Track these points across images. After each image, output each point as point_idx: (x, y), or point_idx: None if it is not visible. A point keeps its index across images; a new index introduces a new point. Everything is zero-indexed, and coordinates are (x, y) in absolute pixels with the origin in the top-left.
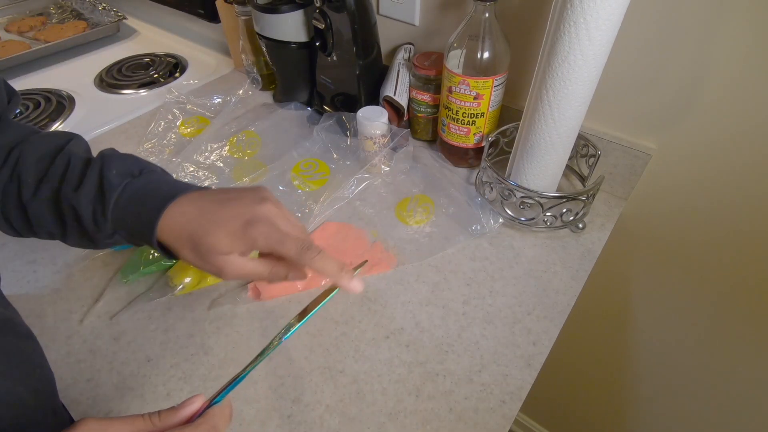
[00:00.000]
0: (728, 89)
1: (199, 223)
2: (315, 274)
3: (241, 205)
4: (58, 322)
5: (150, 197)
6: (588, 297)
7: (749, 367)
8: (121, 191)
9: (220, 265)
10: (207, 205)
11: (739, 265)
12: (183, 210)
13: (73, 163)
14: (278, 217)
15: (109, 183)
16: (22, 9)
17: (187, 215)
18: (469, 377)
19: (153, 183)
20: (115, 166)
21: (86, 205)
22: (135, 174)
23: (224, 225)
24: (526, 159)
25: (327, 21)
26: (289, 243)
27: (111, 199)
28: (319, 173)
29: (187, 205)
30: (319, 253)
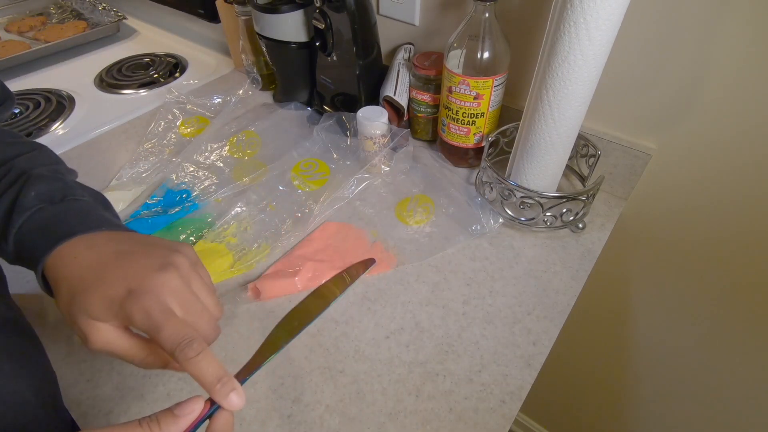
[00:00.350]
0: (728, 89)
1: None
2: (314, 276)
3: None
4: (58, 322)
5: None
6: (588, 297)
7: (749, 366)
8: (29, 216)
9: (87, 331)
10: (105, 256)
11: (739, 265)
12: (77, 253)
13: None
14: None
15: (21, 205)
16: (22, 9)
17: (79, 261)
18: (469, 377)
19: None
20: (38, 187)
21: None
22: (56, 200)
23: (105, 287)
24: (526, 159)
25: (327, 21)
26: (166, 331)
27: (16, 223)
28: (319, 173)
29: (86, 250)
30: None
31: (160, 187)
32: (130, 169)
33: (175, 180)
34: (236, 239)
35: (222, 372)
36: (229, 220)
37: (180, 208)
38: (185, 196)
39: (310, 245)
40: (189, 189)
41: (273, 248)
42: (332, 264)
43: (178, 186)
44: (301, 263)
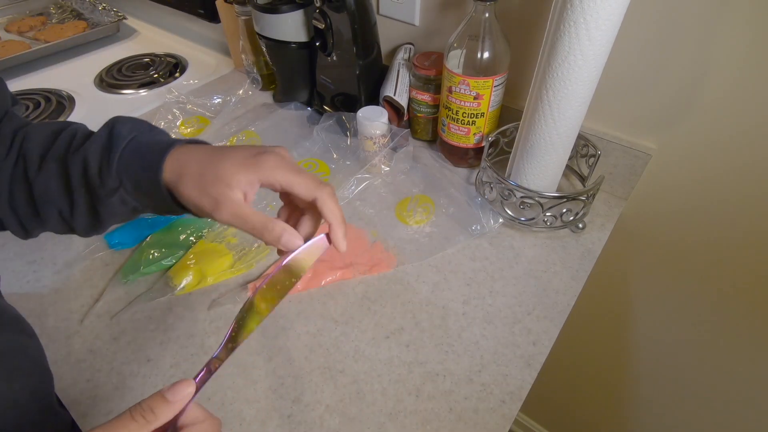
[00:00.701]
0: (728, 89)
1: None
2: (314, 276)
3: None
4: (58, 322)
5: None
6: (588, 297)
7: (749, 366)
8: (128, 141)
9: (218, 197)
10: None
11: (739, 265)
12: (191, 150)
13: (79, 134)
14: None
15: (118, 134)
16: (22, 9)
17: (195, 153)
18: (469, 377)
19: (161, 135)
20: (128, 123)
21: (93, 154)
22: (145, 131)
23: (234, 155)
24: (526, 159)
25: (327, 21)
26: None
27: (118, 148)
28: (319, 173)
29: (195, 149)
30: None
31: None
32: None
33: None
34: (236, 239)
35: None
36: None
37: None
38: None
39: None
40: None
41: (273, 248)
42: (332, 264)
43: None
44: None
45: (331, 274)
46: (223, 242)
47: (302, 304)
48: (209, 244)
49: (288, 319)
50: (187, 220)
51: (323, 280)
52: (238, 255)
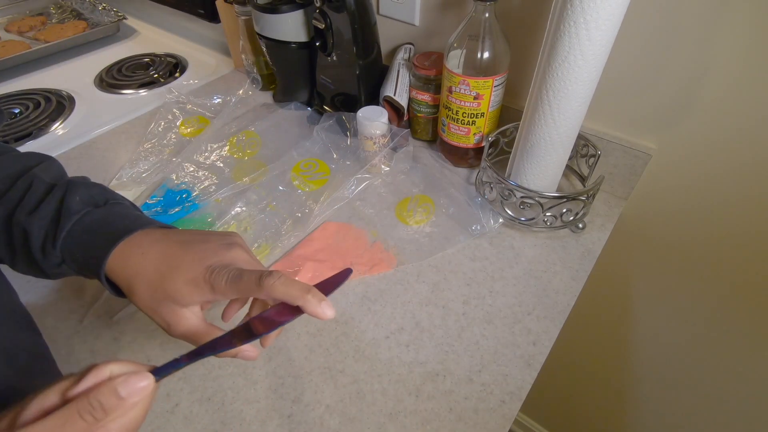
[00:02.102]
0: (728, 89)
1: (158, 268)
2: (314, 276)
3: (206, 249)
4: (58, 322)
5: (106, 229)
6: (588, 297)
7: (749, 366)
8: (78, 219)
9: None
10: (170, 247)
11: (739, 265)
12: (143, 250)
13: (35, 186)
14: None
15: (68, 209)
16: (22, 9)
17: (146, 257)
18: (469, 377)
19: (114, 215)
20: (80, 193)
21: (38, 229)
22: (99, 203)
23: (185, 270)
24: (526, 159)
25: (327, 21)
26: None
27: (65, 226)
28: (319, 173)
29: (148, 246)
30: (279, 278)
31: (160, 187)
32: (130, 169)
33: (175, 180)
34: None
35: (308, 286)
36: (229, 220)
37: (180, 208)
38: (185, 196)
39: (310, 245)
40: (189, 189)
41: (273, 248)
42: (332, 264)
43: (178, 186)
44: (301, 263)
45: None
46: None
47: None
48: None
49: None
50: (187, 221)
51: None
52: None
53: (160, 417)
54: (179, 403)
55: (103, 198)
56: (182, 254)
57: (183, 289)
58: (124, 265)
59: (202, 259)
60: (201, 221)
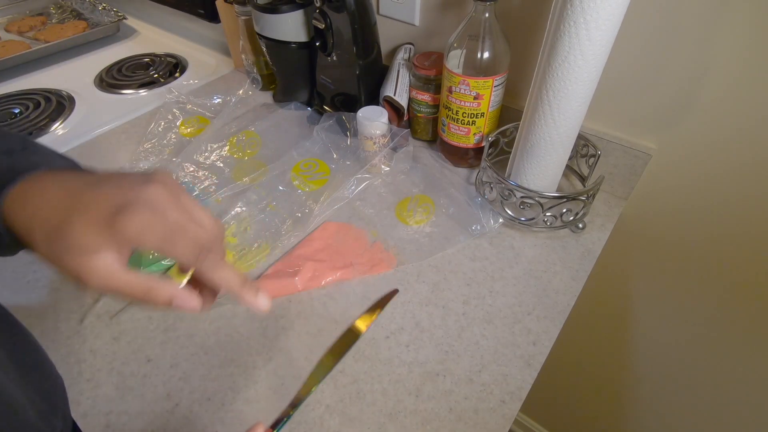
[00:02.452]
0: (728, 89)
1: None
2: (314, 276)
3: (117, 187)
4: (58, 322)
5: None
6: (588, 297)
7: (749, 366)
8: None
9: (78, 270)
10: (76, 185)
11: (739, 265)
12: (45, 190)
13: None
14: (168, 204)
15: None
16: (22, 9)
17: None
18: (469, 377)
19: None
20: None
21: None
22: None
23: (86, 211)
24: (526, 159)
25: (327, 21)
26: (182, 241)
27: None
28: (319, 173)
29: (53, 185)
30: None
31: None
32: (130, 169)
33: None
34: (236, 239)
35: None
36: (229, 220)
37: None
38: None
39: (310, 245)
40: (189, 189)
41: (273, 248)
42: (332, 264)
43: None
44: (301, 263)
45: (331, 274)
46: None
47: (302, 304)
48: None
49: (288, 319)
50: None
51: (323, 280)
52: (238, 255)
53: (160, 417)
54: (179, 403)
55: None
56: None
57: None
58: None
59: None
60: None
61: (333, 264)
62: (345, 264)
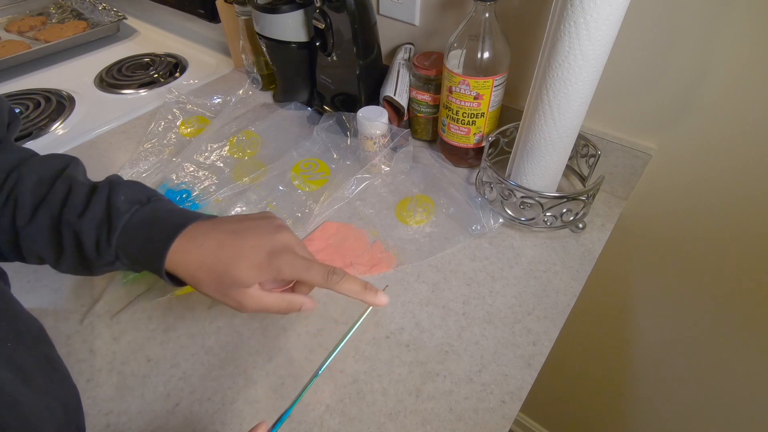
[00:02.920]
0: (728, 89)
1: (219, 257)
2: None
3: (259, 236)
4: (58, 322)
5: (159, 225)
6: (588, 297)
7: (749, 366)
8: (129, 218)
9: (240, 299)
10: (224, 237)
11: (739, 265)
12: (200, 243)
13: (76, 189)
14: (296, 245)
15: (117, 209)
16: (22, 9)
17: (204, 249)
18: (469, 377)
19: (161, 211)
20: (123, 192)
21: (90, 230)
22: (143, 201)
23: (247, 257)
24: (526, 159)
25: (327, 21)
26: (314, 269)
27: (118, 226)
28: (319, 173)
29: (203, 238)
30: (343, 276)
31: (160, 187)
32: (130, 169)
33: (175, 180)
34: None
35: (364, 282)
36: None
37: None
38: (185, 196)
39: (310, 245)
40: (189, 189)
41: None
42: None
43: (179, 186)
44: None
45: None
46: None
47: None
48: None
49: (288, 319)
50: None
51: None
52: None
53: (160, 417)
54: (179, 403)
55: (145, 195)
56: (239, 243)
57: (248, 273)
58: (184, 259)
59: (260, 246)
60: None
61: (333, 264)
62: (345, 264)
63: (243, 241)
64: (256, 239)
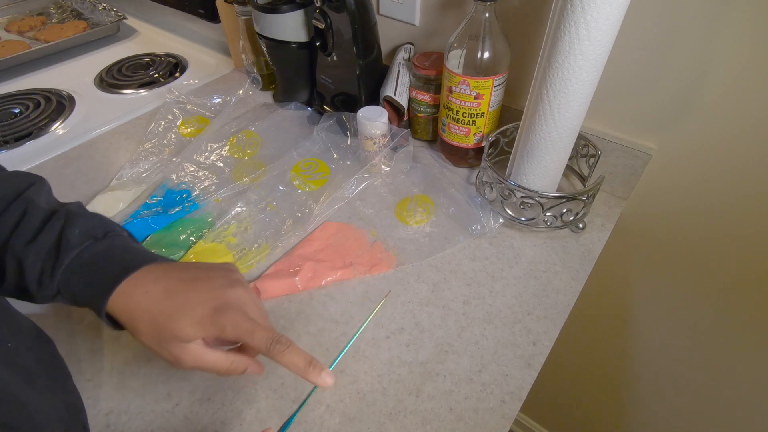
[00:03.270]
0: (728, 89)
1: (161, 308)
2: (314, 276)
3: (210, 289)
4: (58, 322)
5: (108, 264)
6: (588, 297)
7: (749, 366)
8: (77, 254)
9: (177, 354)
10: (173, 285)
11: (739, 265)
12: (146, 289)
13: (31, 213)
14: (248, 303)
15: (67, 242)
16: (22, 9)
17: (149, 296)
18: (469, 377)
19: (116, 249)
20: (79, 224)
21: (34, 261)
22: (98, 237)
23: (191, 311)
24: (526, 159)
25: (327, 21)
26: (258, 335)
27: (65, 261)
28: (319, 173)
29: (151, 284)
30: (288, 346)
31: (161, 187)
32: (130, 169)
33: (175, 180)
34: (236, 239)
35: (310, 357)
36: (229, 220)
37: (180, 208)
38: (185, 196)
39: (311, 245)
40: (189, 189)
41: (273, 248)
42: (332, 264)
43: (179, 186)
44: (301, 263)
45: (331, 274)
46: (223, 242)
47: (302, 304)
48: (209, 244)
49: (288, 319)
50: (188, 220)
51: (323, 280)
52: (238, 255)
53: (160, 417)
54: (179, 403)
55: (102, 230)
56: (186, 294)
57: (189, 329)
58: (126, 303)
59: (207, 300)
60: (201, 221)
61: (333, 264)
62: (345, 264)
63: (191, 294)
64: (206, 293)
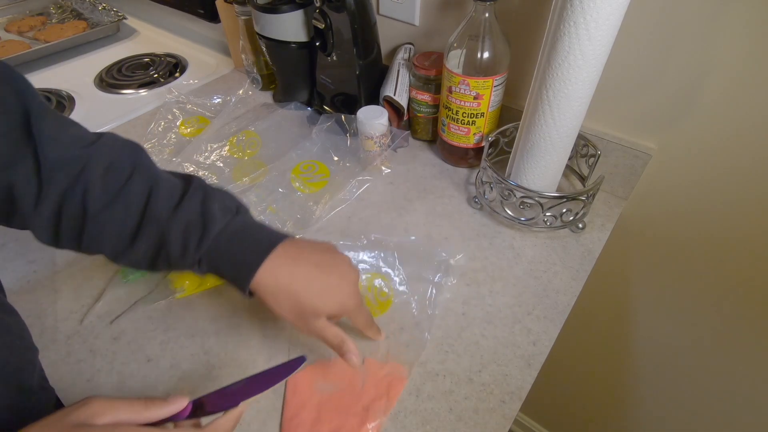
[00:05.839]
0: (728, 89)
1: (308, 289)
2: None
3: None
4: (58, 322)
5: (250, 240)
6: (588, 297)
7: (749, 366)
8: (223, 227)
9: (310, 327)
10: (310, 270)
11: (739, 265)
12: (290, 269)
13: (162, 184)
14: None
15: (212, 216)
16: (22, 9)
17: (295, 277)
18: (469, 377)
19: (250, 226)
20: (216, 198)
21: (178, 231)
22: (233, 211)
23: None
24: (526, 159)
25: (327, 21)
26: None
27: (211, 233)
28: (319, 175)
29: (292, 265)
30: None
31: None
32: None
33: None
34: None
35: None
36: None
37: None
38: None
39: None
40: None
41: None
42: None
43: None
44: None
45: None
46: None
47: None
48: None
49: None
50: None
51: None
52: None
53: None
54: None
55: (235, 205)
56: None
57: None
58: (271, 282)
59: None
60: None
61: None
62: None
63: (328, 278)
64: (339, 278)
